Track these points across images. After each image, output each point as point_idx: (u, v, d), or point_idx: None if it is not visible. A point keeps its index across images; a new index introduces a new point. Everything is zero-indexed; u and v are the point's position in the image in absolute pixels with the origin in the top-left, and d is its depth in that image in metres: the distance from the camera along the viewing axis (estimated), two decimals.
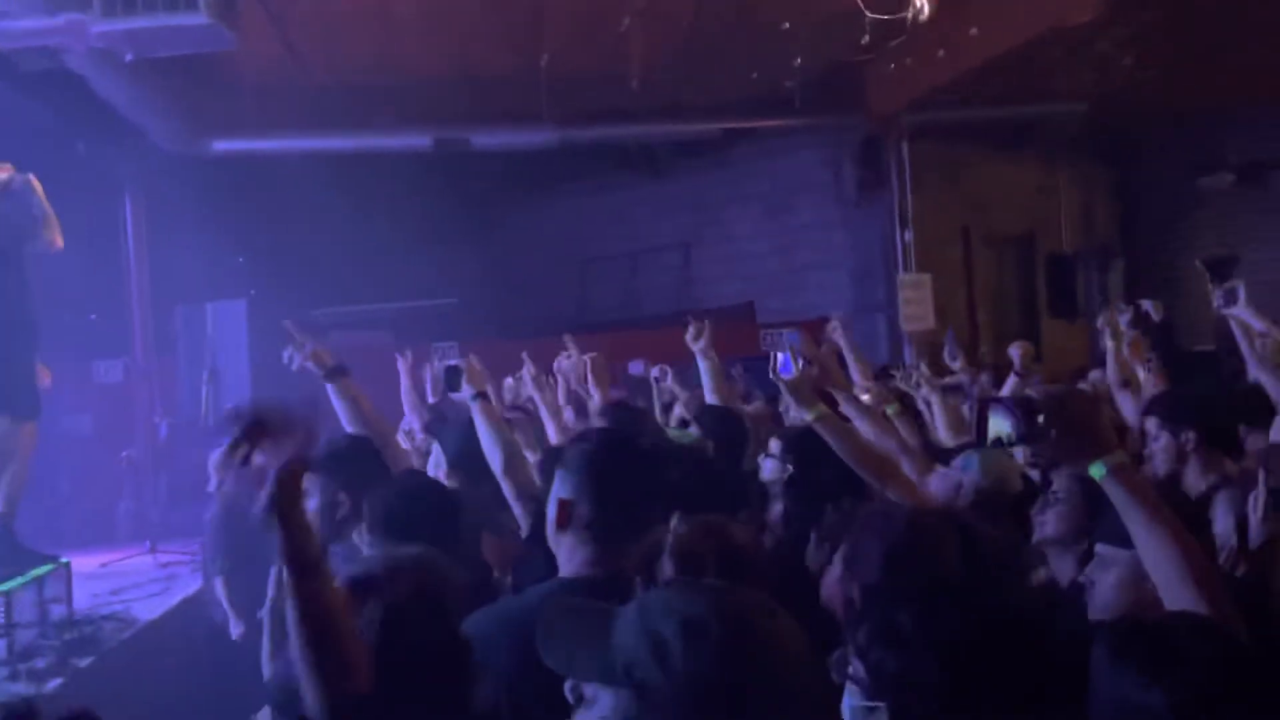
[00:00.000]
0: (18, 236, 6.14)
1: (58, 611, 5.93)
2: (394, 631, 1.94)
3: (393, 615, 1.96)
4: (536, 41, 9.37)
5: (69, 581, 6.20)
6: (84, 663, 5.31)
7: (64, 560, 6.32)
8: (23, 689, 4.88)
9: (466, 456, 3.96)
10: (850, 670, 1.88)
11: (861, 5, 7.47)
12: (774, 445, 3.97)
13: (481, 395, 3.78)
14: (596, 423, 4.74)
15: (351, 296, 12.26)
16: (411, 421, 5.95)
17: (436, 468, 4.37)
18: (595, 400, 5.20)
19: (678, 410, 6.15)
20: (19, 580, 5.71)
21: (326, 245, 11.66)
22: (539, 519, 2.76)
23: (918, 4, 7.74)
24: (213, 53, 7.07)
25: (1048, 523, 3.04)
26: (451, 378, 4.00)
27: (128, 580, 7.23)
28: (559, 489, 2.38)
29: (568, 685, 1.47)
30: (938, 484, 3.52)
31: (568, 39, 9.34)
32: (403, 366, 6.07)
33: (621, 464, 2.40)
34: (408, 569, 2.08)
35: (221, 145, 9.89)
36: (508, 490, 3.61)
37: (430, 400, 6.17)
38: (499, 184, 13.82)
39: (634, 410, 5.22)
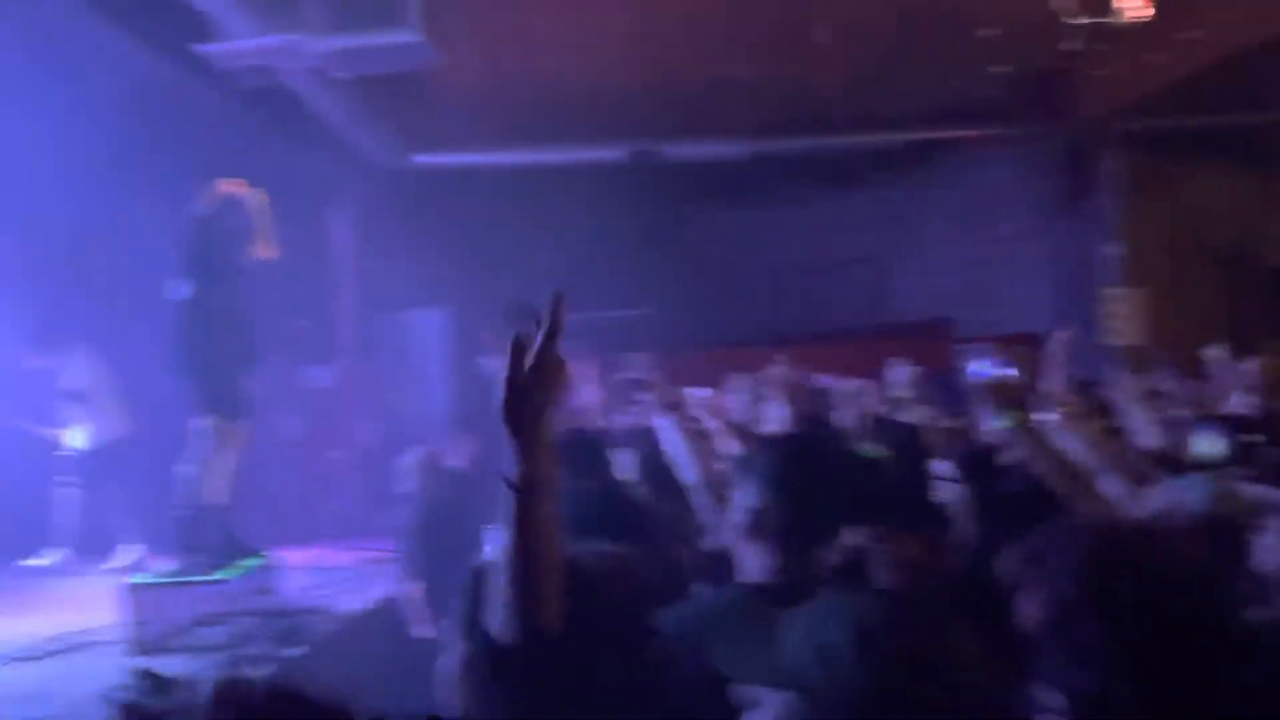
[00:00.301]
0: (237, 248, 6.54)
1: (268, 602, 6.24)
2: (582, 603, 1.94)
3: (581, 592, 1.97)
4: (732, 52, 9.40)
5: (278, 575, 6.53)
6: (291, 652, 5.57)
7: (274, 554, 6.67)
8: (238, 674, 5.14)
9: (654, 467, 4.00)
10: (1042, 698, 1.81)
11: (1069, 10, 7.23)
12: (944, 465, 3.86)
13: (670, 407, 3.81)
14: (782, 431, 4.71)
15: (542, 306, 12.51)
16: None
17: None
18: (781, 411, 5.17)
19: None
20: (234, 570, 6.05)
21: (524, 255, 11.95)
22: (725, 526, 2.76)
23: (1131, 7, 7.44)
24: (419, 68, 7.34)
25: (1268, 551, 2.86)
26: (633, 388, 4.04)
27: (331, 576, 7.55)
28: (747, 496, 2.37)
29: (738, 688, 1.46)
30: (1151, 501, 3.36)
31: (764, 50, 9.34)
32: (590, 374, 6.16)
33: (810, 473, 2.38)
34: (599, 558, 2.10)
35: (425, 158, 10.26)
36: (696, 500, 3.63)
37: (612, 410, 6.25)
38: (692, 195, 13.90)
39: (821, 421, 5.17)
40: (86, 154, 8.68)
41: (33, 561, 8.61)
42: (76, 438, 8.86)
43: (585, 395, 6.03)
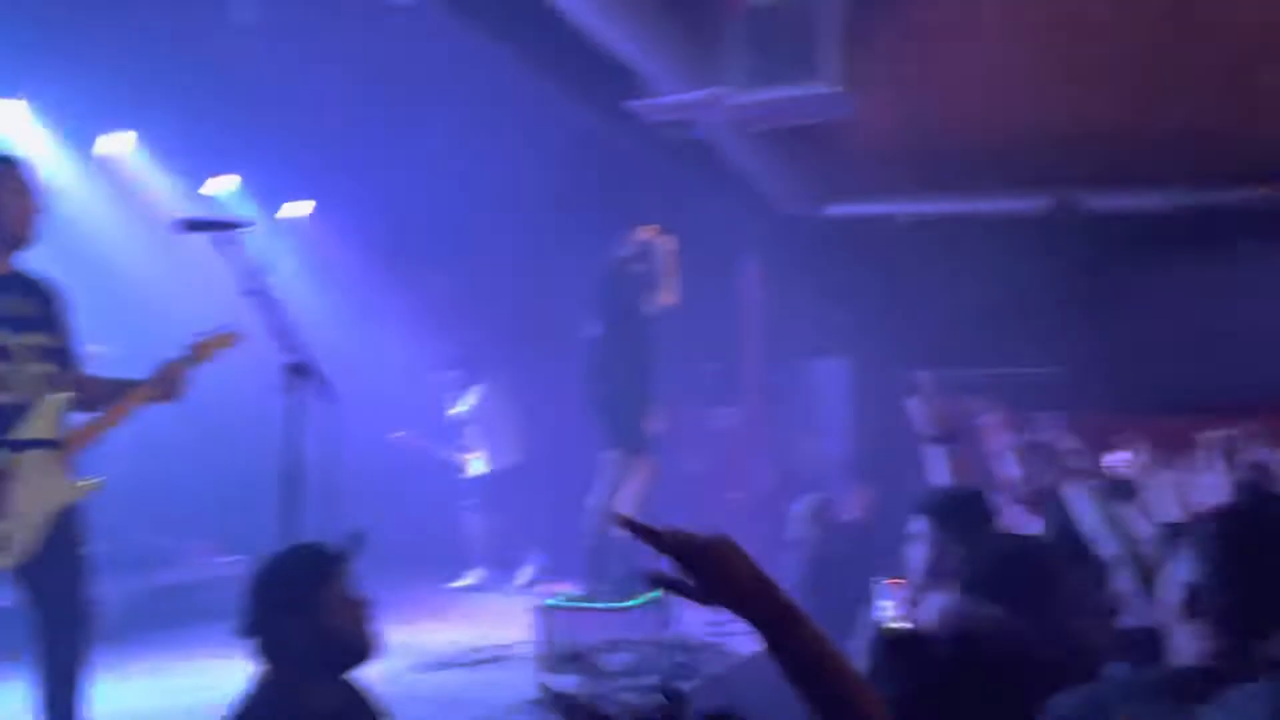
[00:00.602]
0: (647, 292, 6.89)
1: (668, 634, 6.43)
2: (939, 688, 1.86)
3: (942, 673, 1.89)
4: (1163, 95, 8.82)
5: (679, 609, 6.72)
6: (685, 685, 5.71)
7: None
8: (634, 701, 5.34)
9: (1064, 535, 3.80)
10: None
11: None
12: None
13: (1086, 473, 3.61)
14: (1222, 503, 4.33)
15: (949, 360, 12.21)
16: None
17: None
18: (1218, 481, 4.75)
19: None
20: (640, 599, 6.30)
21: (930, 307, 11.72)
22: (1152, 603, 2.56)
23: None
24: (834, 119, 7.40)
25: None
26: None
27: (728, 616, 7.67)
28: (1185, 571, 2.18)
29: None
30: None
31: (1201, 93, 8.69)
32: (992, 427, 5.93)
33: (1259, 549, 2.16)
34: (984, 623, 2.01)
35: (835, 209, 10.31)
36: (1115, 573, 3.40)
37: (1018, 473, 5.98)
38: (1112, 248, 13.11)
39: (1265, 495, 4.71)
40: (518, 198, 9.45)
41: (458, 584, 9.38)
42: (478, 463, 9.63)
43: (995, 443, 5.81)
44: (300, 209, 10.37)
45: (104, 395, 4.04)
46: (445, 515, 9.72)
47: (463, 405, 9.81)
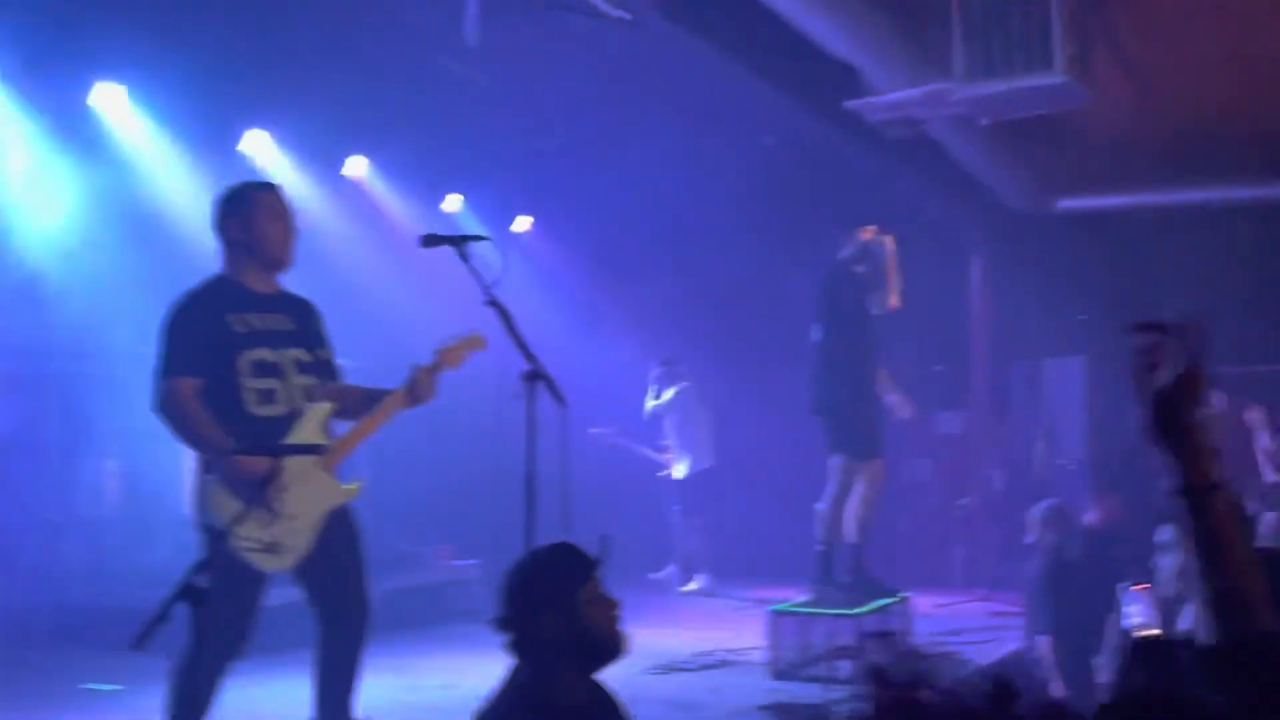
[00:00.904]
0: (867, 294, 6.78)
1: (900, 643, 6.30)
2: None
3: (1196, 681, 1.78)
4: None
5: (909, 616, 6.59)
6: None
7: (905, 595, 6.73)
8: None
9: None
10: None
11: None
12: None
13: None
14: None
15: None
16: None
17: None
18: None
19: None
20: (868, 606, 6.20)
21: (1171, 302, 11.12)
22: None
23: None
24: (1064, 110, 7.13)
25: None
26: None
27: (961, 624, 7.49)
28: None
29: None
30: None
31: None
32: (1257, 422, 5.59)
33: None
34: None
35: (1067, 203, 9.92)
36: None
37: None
38: None
39: None
40: (735, 204, 9.47)
41: (688, 588, 9.47)
42: (680, 466, 9.69)
43: (1257, 443, 5.48)
44: (522, 223, 10.73)
45: (360, 404, 4.23)
46: (657, 515, 9.85)
47: (660, 399, 9.93)
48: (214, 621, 3.49)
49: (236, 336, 3.97)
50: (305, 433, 4.01)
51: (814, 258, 7.31)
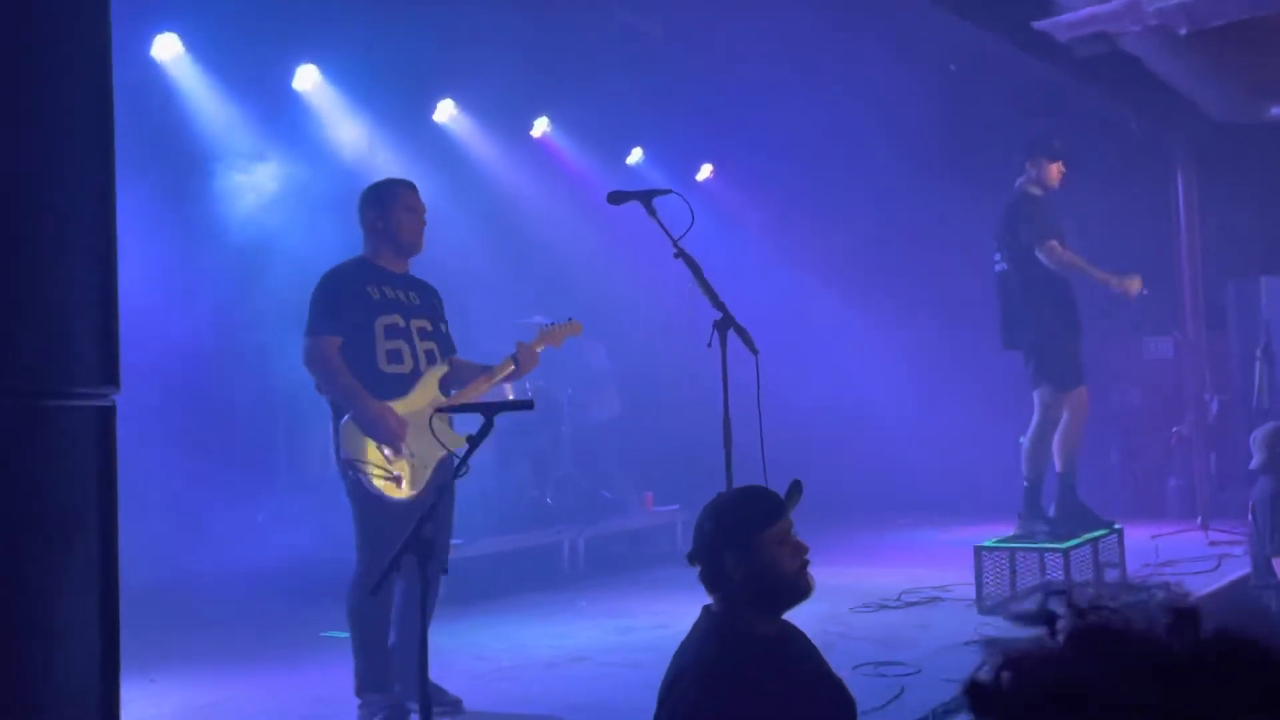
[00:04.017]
0: (1055, 221, 6.61)
1: (1111, 575, 6.18)
2: None
3: None
4: None
5: (1122, 547, 6.43)
6: None
7: (1118, 526, 6.58)
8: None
9: None
10: None
11: None
12: None
13: None
14: None
15: None
16: None
17: None
18: None
19: None
20: (1078, 539, 6.09)
21: None
22: None
23: None
24: (1268, 14, 6.73)
25: None
26: None
27: (1178, 554, 7.27)
28: None
29: None
30: None
31: None
32: None
33: None
34: None
35: (1279, 109, 9.35)
36: None
37: None
38: None
39: None
40: (913, 138, 9.30)
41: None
42: None
43: None
44: (701, 172, 10.80)
45: (470, 371, 4.84)
46: (860, 459, 9.82)
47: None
48: (372, 547, 4.38)
49: (373, 303, 4.59)
50: (423, 389, 4.63)
51: (998, 189, 7.14)
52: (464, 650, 5.61)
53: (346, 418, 4.49)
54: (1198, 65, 8.41)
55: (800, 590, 2.87)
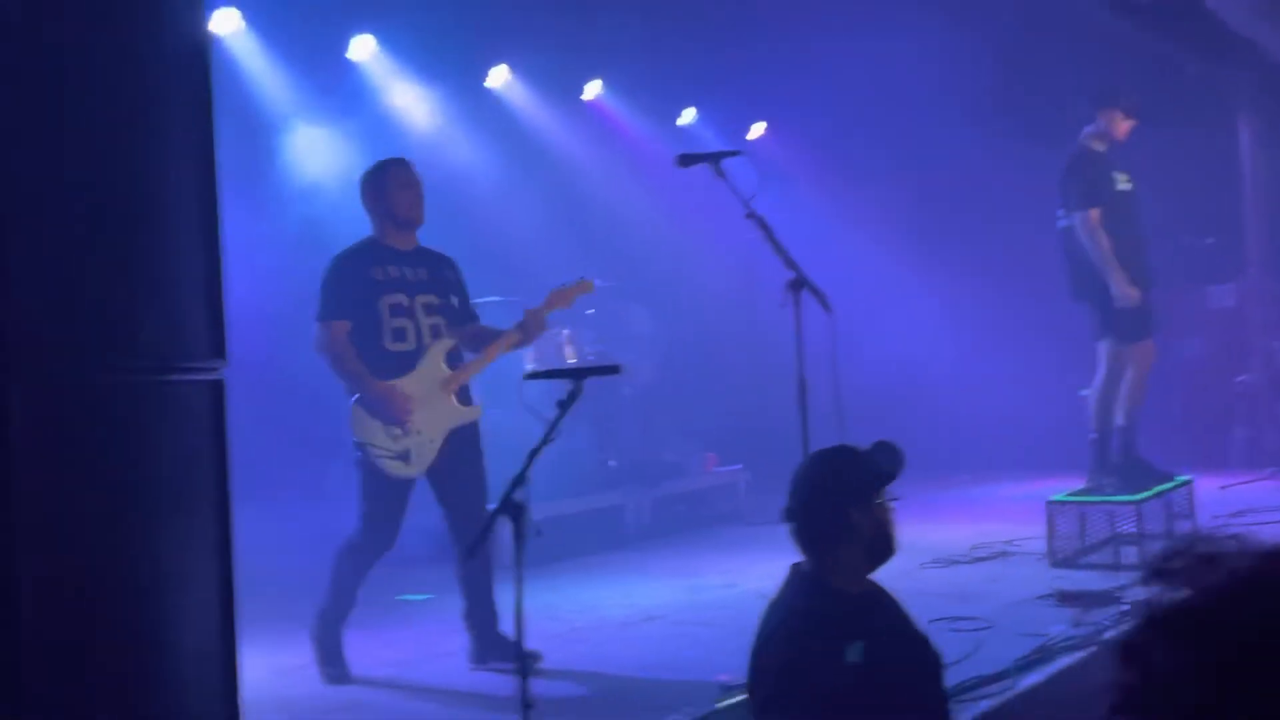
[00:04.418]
0: (1116, 171, 6.56)
1: (1182, 526, 6.15)
2: None
3: None
4: None
5: (1192, 499, 6.39)
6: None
7: (1188, 478, 6.54)
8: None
9: None
10: None
11: None
12: None
13: None
14: None
15: None
16: None
17: None
18: None
19: None
20: (1148, 491, 6.05)
21: None
22: None
23: None
24: None
25: None
26: None
27: (1248, 504, 7.20)
28: None
29: None
30: None
31: None
32: None
33: None
34: None
35: None
36: None
37: None
38: None
39: None
40: (969, 91, 9.20)
41: None
42: None
43: None
44: (754, 131, 10.75)
45: (484, 340, 4.96)
46: (921, 414, 9.77)
47: None
48: (369, 520, 4.73)
49: (377, 284, 4.77)
50: (429, 364, 4.78)
51: (1058, 142, 7.05)
52: (536, 612, 5.64)
53: (353, 401, 4.73)
54: (1259, 3, 8.25)
55: (890, 548, 2.91)
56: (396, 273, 4.83)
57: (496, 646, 4.79)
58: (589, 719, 4.08)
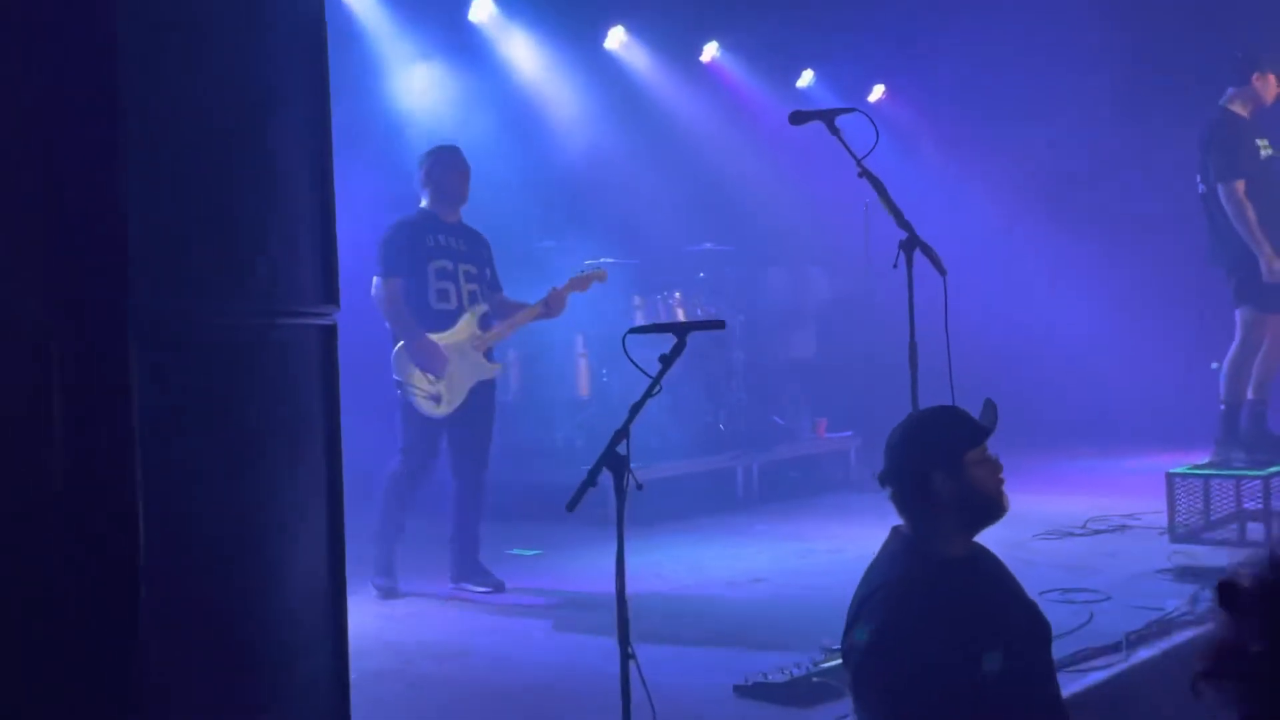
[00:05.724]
0: (1257, 137, 6.32)
1: None
2: None
3: None
4: None
5: None
6: None
7: None
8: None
9: None
10: None
11: None
12: None
13: None
14: None
15: None
16: None
17: None
18: None
19: None
20: (1277, 467, 5.84)
21: None
22: None
23: None
24: None
25: None
26: None
27: None
28: None
29: None
30: None
31: None
32: None
33: None
34: None
35: None
36: None
37: None
38: None
39: None
40: (1098, 61, 8.90)
41: None
42: None
43: None
44: (874, 93, 10.57)
45: (508, 310, 5.73)
46: (1041, 383, 9.54)
47: None
48: (406, 452, 5.44)
49: (428, 249, 5.49)
50: (466, 324, 5.53)
51: (1181, 110, 6.79)
52: (644, 569, 5.72)
53: (399, 346, 5.40)
54: None
55: (1000, 509, 2.85)
56: (445, 241, 5.55)
57: (474, 573, 5.46)
58: (691, 676, 4.09)
